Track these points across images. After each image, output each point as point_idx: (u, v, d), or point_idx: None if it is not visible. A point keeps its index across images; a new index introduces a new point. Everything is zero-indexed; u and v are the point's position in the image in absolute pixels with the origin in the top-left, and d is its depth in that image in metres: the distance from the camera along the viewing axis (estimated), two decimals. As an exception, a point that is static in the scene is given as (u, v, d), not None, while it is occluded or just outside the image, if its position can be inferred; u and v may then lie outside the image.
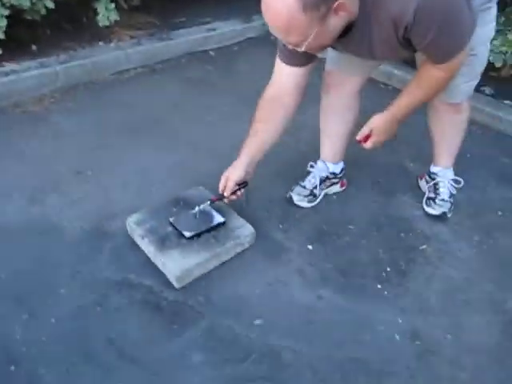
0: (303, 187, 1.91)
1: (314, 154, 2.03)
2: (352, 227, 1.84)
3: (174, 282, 1.53)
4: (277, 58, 1.52)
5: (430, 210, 1.90)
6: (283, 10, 1.11)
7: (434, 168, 1.95)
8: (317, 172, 1.93)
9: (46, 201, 1.86)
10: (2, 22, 2.37)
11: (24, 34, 2.81)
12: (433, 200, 1.90)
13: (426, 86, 1.43)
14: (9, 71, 2.50)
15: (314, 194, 1.91)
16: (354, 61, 1.55)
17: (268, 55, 1.71)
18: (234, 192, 1.64)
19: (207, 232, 1.64)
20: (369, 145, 1.57)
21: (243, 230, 1.68)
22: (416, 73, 1.48)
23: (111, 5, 2.82)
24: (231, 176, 1.59)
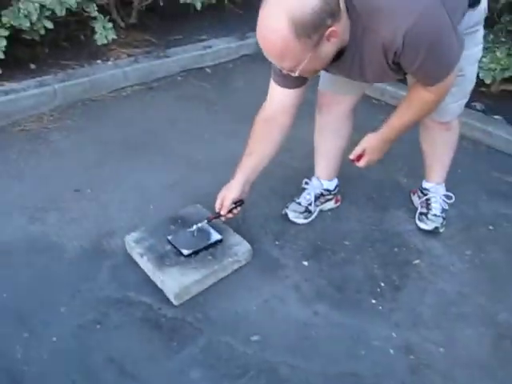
0: (298, 204, 1.95)
1: (308, 170, 2.07)
2: (347, 243, 1.88)
3: (172, 299, 1.56)
4: (271, 79, 1.56)
5: (422, 225, 1.94)
6: (277, 39, 1.16)
7: (426, 184, 1.99)
8: (311, 189, 1.97)
9: (46, 219, 1.89)
10: (2, 42, 2.42)
11: (23, 53, 2.86)
12: (425, 215, 1.94)
13: (416, 107, 1.47)
14: (8, 90, 2.54)
15: (309, 211, 1.95)
16: (346, 82, 1.59)
17: (262, 72, 1.76)
18: (231, 210, 1.68)
19: (205, 249, 1.68)
20: (362, 164, 1.61)
21: (240, 247, 1.72)
22: (406, 94, 1.52)
23: (109, 24, 2.88)
24: (228, 195, 1.63)
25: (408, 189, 2.18)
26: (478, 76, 1.87)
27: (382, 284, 1.71)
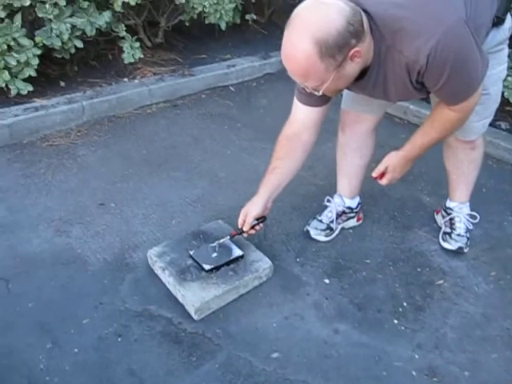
0: (320, 221, 1.95)
1: (330, 188, 2.08)
2: (368, 261, 1.87)
3: (192, 313, 1.57)
4: (295, 97, 1.59)
5: (446, 244, 1.91)
6: (302, 58, 1.18)
7: (450, 203, 1.97)
8: (333, 206, 1.97)
9: (71, 232, 1.93)
10: (35, 61, 2.51)
11: (53, 71, 2.97)
12: (449, 235, 1.91)
13: (439, 126, 1.47)
14: (38, 106, 2.62)
15: (330, 228, 1.94)
16: (369, 101, 1.60)
17: (285, 90, 1.79)
18: (253, 227, 1.68)
19: (226, 265, 1.68)
20: (384, 182, 1.60)
21: (261, 264, 1.72)
22: (430, 112, 1.52)
23: (136, 43, 2.97)
24: (250, 211, 1.64)
25: (431, 208, 2.15)
26: (502, 95, 1.86)
27: (405, 304, 1.69)
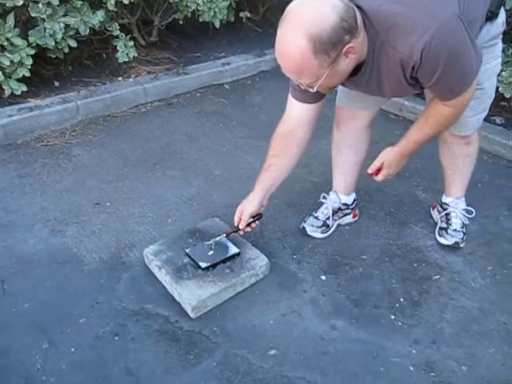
0: (316, 218, 1.95)
1: (326, 185, 2.08)
2: (365, 257, 1.87)
3: (189, 312, 1.56)
4: (289, 94, 1.58)
5: (442, 240, 1.91)
6: (296, 55, 1.18)
7: (446, 198, 1.97)
8: (329, 203, 1.96)
9: (67, 232, 1.93)
10: (28, 60, 2.49)
11: (47, 71, 2.95)
12: (445, 230, 1.92)
13: (434, 122, 1.47)
14: (33, 106, 2.61)
15: (326, 225, 1.94)
16: (363, 97, 1.60)
17: (280, 88, 1.79)
18: (249, 224, 1.68)
19: (222, 263, 1.68)
20: (380, 178, 1.60)
21: (258, 261, 1.72)
22: (425, 108, 1.52)
23: (130, 42, 2.96)
24: (246, 209, 1.64)
25: (427, 203, 2.16)
26: (497, 90, 1.86)
27: (401, 299, 1.69)
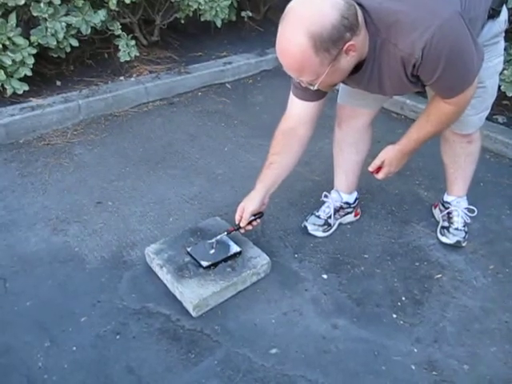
0: (318, 217, 1.95)
1: (327, 183, 2.07)
2: (366, 256, 1.86)
3: (191, 310, 1.56)
4: (291, 92, 1.58)
5: (444, 238, 1.91)
6: (296, 53, 1.17)
7: (448, 197, 1.97)
8: (331, 202, 1.96)
9: (68, 230, 1.93)
10: (30, 60, 2.50)
11: (49, 71, 2.96)
12: (447, 229, 1.91)
13: (435, 120, 1.46)
14: (34, 106, 2.61)
15: (328, 224, 1.94)
16: (364, 95, 1.60)
17: (282, 86, 1.78)
18: (250, 222, 1.68)
19: (224, 261, 1.68)
20: (381, 176, 1.60)
21: (259, 260, 1.72)
22: (426, 106, 1.52)
23: (131, 42, 2.96)
24: (247, 207, 1.64)
25: (429, 202, 2.15)
26: (499, 89, 1.85)
27: (403, 298, 1.69)
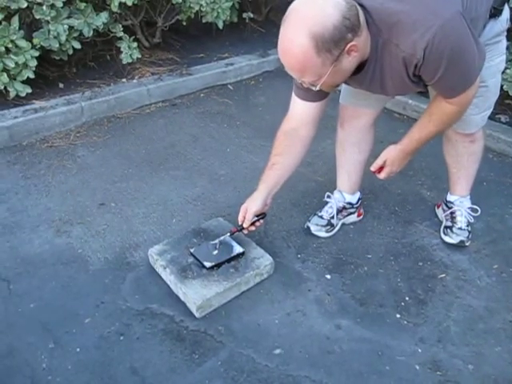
0: (321, 217, 1.94)
1: (330, 184, 2.07)
2: (370, 256, 1.86)
3: (194, 311, 1.57)
4: (293, 93, 1.58)
5: (447, 238, 1.90)
6: (298, 53, 1.17)
7: (451, 197, 1.97)
8: (334, 202, 1.96)
9: (72, 232, 1.93)
10: (33, 62, 2.51)
11: (51, 73, 2.97)
12: (450, 229, 1.91)
13: (437, 119, 1.46)
14: (37, 108, 2.62)
15: (331, 224, 1.94)
16: (367, 95, 1.59)
17: (283, 87, 1.78)
18: (253, 223, 1.68)
19: (227, 262, 1.68)
20: (382, 175, 1.60)
21: (262, 260, 1.72)
22: (428, 106, 1.52)
23: (133, 44, 2.97)
24: (250, 208, 1.64)
25: (432, 202, 2.15)
26: (502, 88, 1.85)
27: (407, 298, 1.68)
